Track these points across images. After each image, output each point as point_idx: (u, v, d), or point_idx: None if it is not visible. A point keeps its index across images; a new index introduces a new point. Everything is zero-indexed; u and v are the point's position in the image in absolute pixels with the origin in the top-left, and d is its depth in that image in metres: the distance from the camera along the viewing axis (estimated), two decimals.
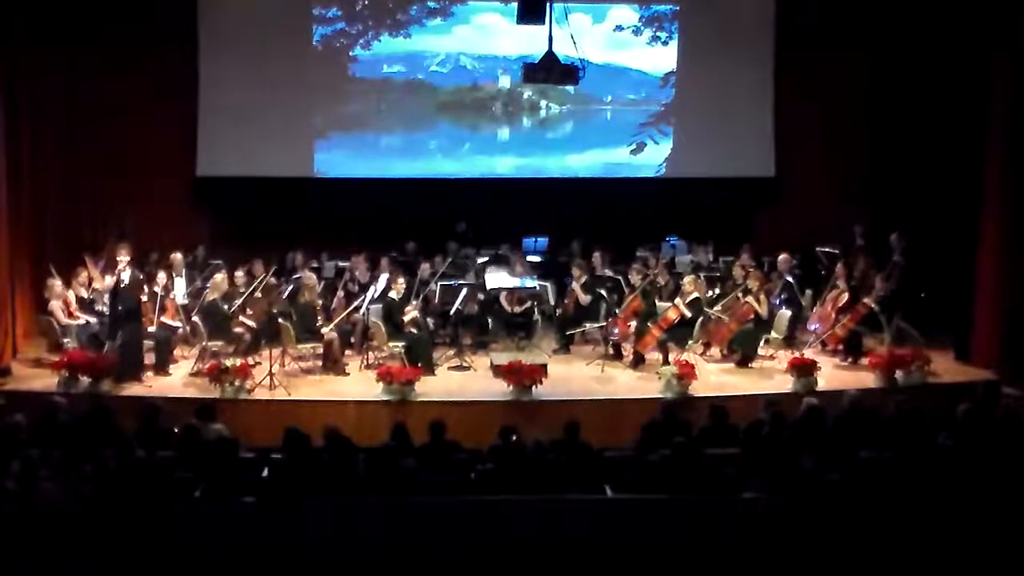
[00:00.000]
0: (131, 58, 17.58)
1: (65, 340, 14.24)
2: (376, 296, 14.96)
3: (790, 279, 15.34)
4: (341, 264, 16.57)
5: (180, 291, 15.47)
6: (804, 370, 13.35)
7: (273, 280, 15.35)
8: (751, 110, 18.72)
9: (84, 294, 14.92)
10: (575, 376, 14.01)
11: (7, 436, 10.07)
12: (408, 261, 16.91)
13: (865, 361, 14.12)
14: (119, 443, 9.61)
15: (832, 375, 13.87)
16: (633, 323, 14.46)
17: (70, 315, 14.52)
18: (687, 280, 14.65)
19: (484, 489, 9.18)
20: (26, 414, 10.70)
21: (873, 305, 14.59)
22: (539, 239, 17.93)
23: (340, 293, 15.39)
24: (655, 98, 19.06)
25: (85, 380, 13.03)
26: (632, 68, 18.95)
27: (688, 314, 14.22)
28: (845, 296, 14.85)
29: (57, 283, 14.57)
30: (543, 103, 19.09)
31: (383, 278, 15.41)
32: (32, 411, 11.04)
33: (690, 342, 14.30)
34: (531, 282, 15.51)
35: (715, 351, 14.86)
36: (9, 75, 14.45)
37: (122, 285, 13.58)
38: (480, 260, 16.96)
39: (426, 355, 13.98)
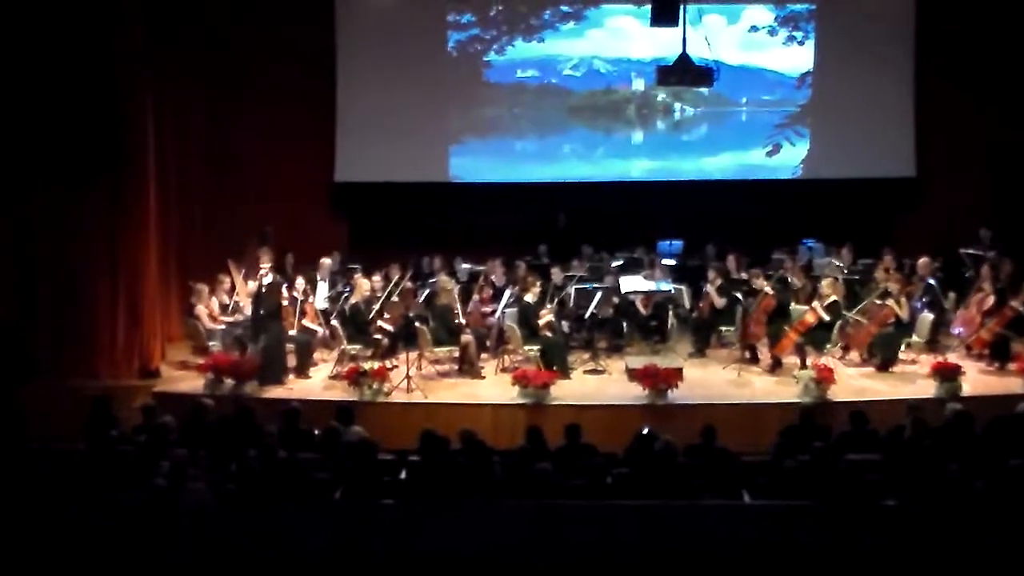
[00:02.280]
0: (269, 68, 18.03)
1: (210, 343, 14.64)
2: (511, 300, 15.02)
3: (932, 282, 14.92)
4: (476, 268, 16.69)
5: (321, 295, 15.78)
6: (948, 375, 12.96)
7: (410, 284, 15.55)
8: (890, 109, 18.29)
9: (227, 299, 15.34)
10: (711, 380, 13.86)
11: (157, 436, 10.39)
12: (544, 265, 16.95)
13: (1013, 366, 13.64)
14: (262, 444, 9.81)
15: (977, 380, 13.43)
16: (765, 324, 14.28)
17: (215, 319, 14.95)
18: (825, 283, 14.35)
19: (619, 493, 9.14)
20: (174, 415, 11.03)
21: (1021, 308, 14.09)
22: (674, 242, 17.80)
23: (476, 297, 15.50)
24: (791, 99, 18.77)
25: (229, 382, 13.36)
26: (767, 69, 18.69)
27: (826, 317, 13.93)
28: (991, 299, 14.37)
29: (203, 289, 15.00)
30: (677, 105, 18.96)
31: (506, 284, 15.57)
32: (180, 412, 11.37)
33: (828, 345, 14.01)
34: (666, 285, 15.38)
35: (854, 355, 14.54)
36: (158, 91, 14.94)
37: (263, 290, 13.92)
38: (614, 263, 16.90)
39: (561, 359, 13.98)
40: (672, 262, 17.18)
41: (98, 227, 14.08)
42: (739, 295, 14.83)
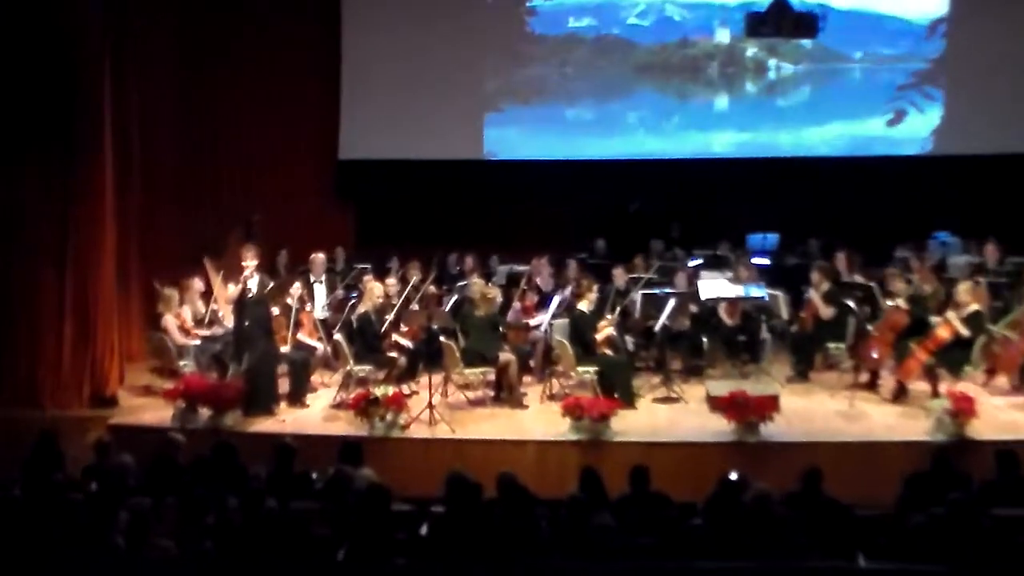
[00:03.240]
0: (256, 19, 18.16)
1: (181, 363, 14.68)
2: (561, 309, 14.98)
3: None
4: (517, 269, 16.67)
5: (319, 302, 15.83)
6: None
7: (433, 288, 15.52)
8: None
9: (203, 307, 15.37)
10: (816, 411, 13.74)
11: (113, 481, 10.36)
12: (601, 264, 16.90)
13: None
14: (246, 490, 9.78)
15: None
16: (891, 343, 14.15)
17: (187, 332, 14.98)
18: (962, 288, 14.18)
19: (699, 553, 9.06)
20: (136, 453, 11.02)
21: None
22: (768, 236, 17.73)
23: (516, 305, 15.46)
24: (919, 53, 18.65)
25: (205, 412, 13.34)
26: (889, 15, 18.59)
27: (964, 332, 13.76)
28: None
29: (172, 294, 15.05)
30: (772, 62, 18.89)
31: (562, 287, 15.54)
32: (142, 450, 11.33)
33: (968, 368, 13.84)
34: (758, 291, 15.28)
35: (1002, 380, 14.38)
36: (117, 52, 15.02)
37: (249, 295, 13.91)
38: (693, 263, 16.84)
39: (625, 383, 13.90)
40: (765, 261, 17.10)
41: (42, 214, 14.15)
42: (851, 303, 14.68)
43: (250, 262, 13.98)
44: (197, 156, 17.84)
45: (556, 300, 15.14)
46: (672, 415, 13.77)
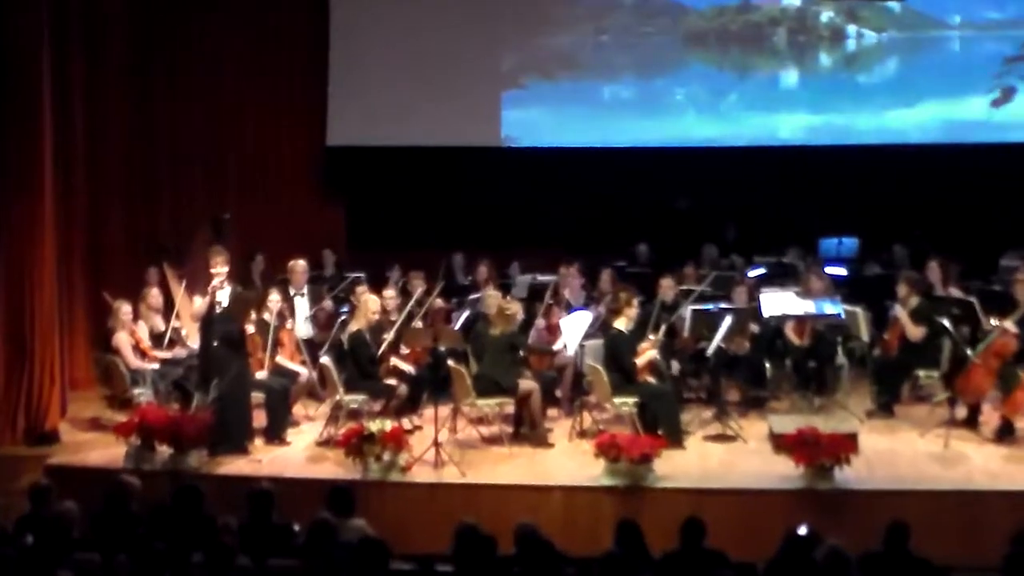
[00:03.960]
0: None
1: (136, 391, 14.68)
2: (594, 327, 14.99)
3: None
4: (541, 279, 16.68)
5: (302, 318, 15.86)
6: None
7: (440, 302, 15.53)
8: None
9: (161, 324, 15.39)
10: (902, 453, 13.71)
11: (53, 533, 10.39)
12: (643, 274, 16.90)
13: None
14: (214, 545, 9.80)
15: None
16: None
17: (143, 354, 14.99)
18: None
19: None
20: (80, 500, 11.04)
21: None
22: (844, 240, 17.71)
23: (540, 323, 15.47)
24: None
25: (165, 451, 13.35)
26: None
27: None
28: None
29: (125, 307, 15.05)
30: (852, 29, 18.90)
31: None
32: (88, 496, 11.36)
33: None
34: (832, 307, 15.26)
35: None
36: (58, 19, 15.11)
37: (218, 310, 13.94)
38: (753, 272, 16.83)
39: (671, 417, 13.89)
40: (842, 271, 17.06)
41: None
42: (947, 322, 14.66)
43: (220, 269, 14.03)
44: (154, 144, 17.91)
45: (587, 317, 15.14)
46: (728, 456, 13.75)
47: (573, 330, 14.71)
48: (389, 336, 14.45)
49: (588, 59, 19.36)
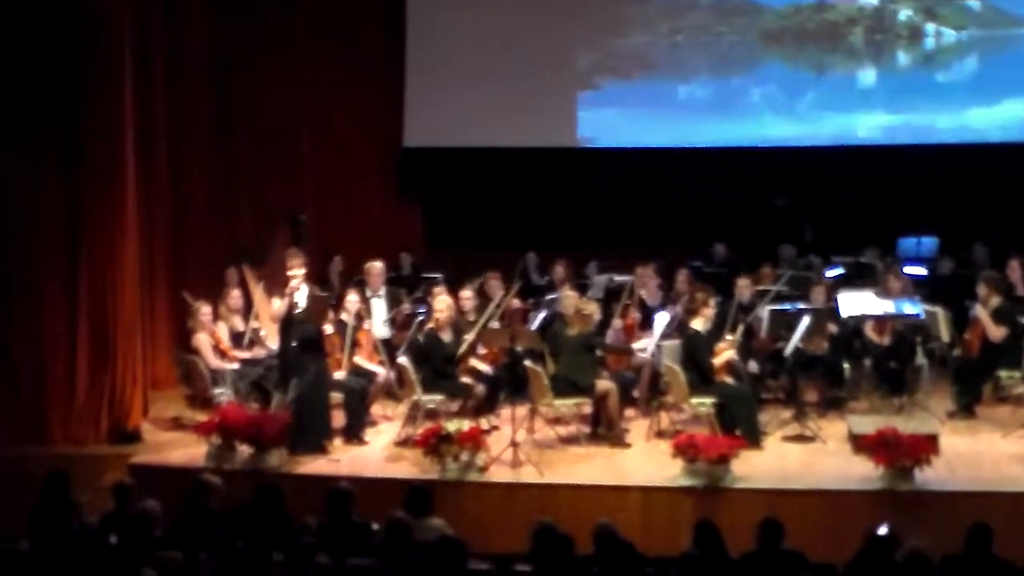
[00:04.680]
0: None
1: (216, 391, 14.75)
2: (671, 327, 14.95)
3: None
4: (618, 279, 16.65)
5: (379, 318, 15.90)
6: None
7: (517, 302, 15.53)
8: None
9: (241, 324, 15.50)
10: (984, 454, 13.57)
11: (135, 531, 10.46)
12: (718, 274, 16.84)
13: None
14: (294, 544, 9.83)
15: None
16: None
17: (223, 354, 15.08)
18: None
19: None
20: (162, 498, 11.10)
21: None
22: (924, 239, 17.58)
23: (616, 323, 15.44)
24: None
25: (245, 450, 13.42)
26: None
27: None
28: None
29: (205, 308, 15.15)
30: (930, 28, 18.76)
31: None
32: (171, 495, 11.43)
33: None
34: (912, 307, 15.15)
35: None
36: (141, 13, 15.20)
37: (297, 310, 13.96)
38: (831, 272, 16.73)
39: (748, 418, 13.82)
40: (921, 270, 16.93)
41: (46, 208, 14.29)
42: None
43: (298, 271, 13.98)
44: (236, 145, 17.97)
45: (665, 317, 15.11)
46: (806, 457, 13.67)
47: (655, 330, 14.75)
48: (469, 337, 14.45)
49: (663, 59, 19.31)
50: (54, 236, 14.29)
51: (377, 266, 16.24)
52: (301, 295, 13.91)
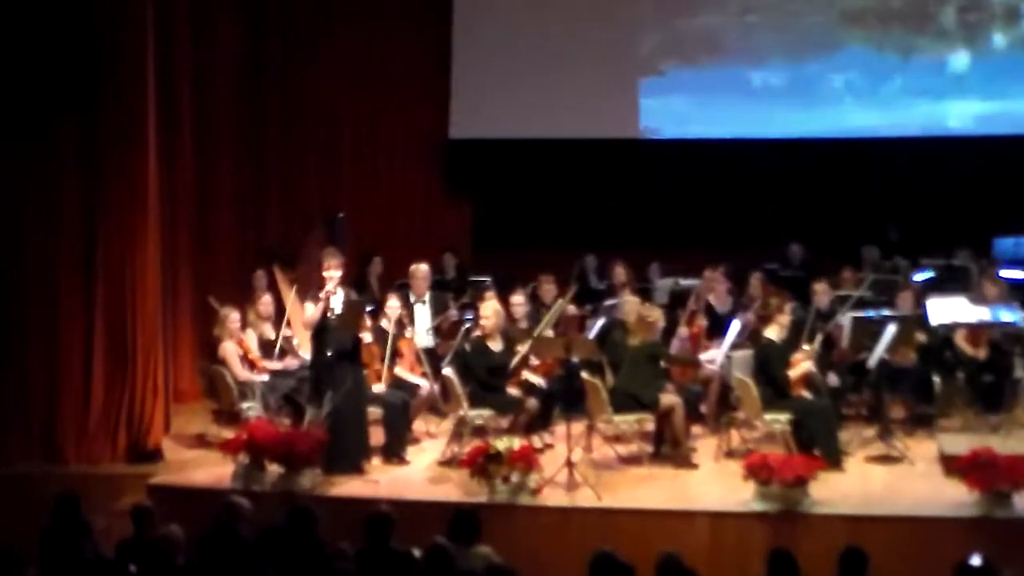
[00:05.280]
0: None
1: (244, 405, 14.78)
2: (743, 336, 14.89)
3: None
4: (684, 283, 16.60)
5: (423, 326, 15.90)
6: None
7: (574, 308, 15.48)
8: None
9: (272, 332, 15.52)
10: None
11: (156, 559, 10.47)
12: (795, 277, 16.77)
13: None
14: (328, 572, 9.82)
15: None
16: None
17: (252, 365, 15.12)
18: None
19: None
20: (185, 523, 11.11)
21: None
22: (1022, 240, 17.48)
23: (682, 331, 15.37)
24: None
25: (275, 470, 13.42)
26: None
27: None
28: None
29: (232, 315, 15.18)
30: None
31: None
32: (194, 519, 11.45)
33: None
34: (1009, 314, 15.06)
35: None
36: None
37: (332, 317, 13.95)
38: (920, 276, 16.65)
39: (828, 436, 13.75)
40: (1019, 274, 16.83)
41: (61, 208, 14.32)
42: None
43: (333, 273, 13.96)
44: (264, 140, 18.02)
45: (736, 325, 15.06)
46: (892, 479, 13.62)
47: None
48: (521, 347, 14.39)
49: (734, 42, 19.26)
50: (70, 238, 14.31)
51: (422, 269, 16.21)
52: (337, 300, 13.89)
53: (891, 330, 14.45)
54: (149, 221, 14.59)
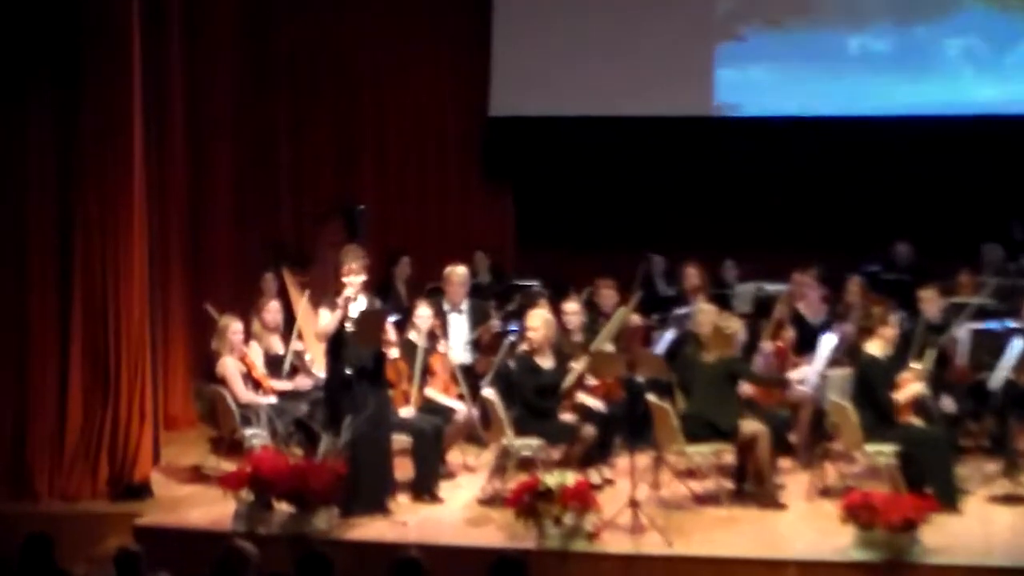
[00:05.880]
0: None
1: (248, 432, 14.81)
2: (840, 351, 14.85)
3: None
4: (769, 288, 16.57)
5: (459, 339, 15.92)
6: None
7: (638, 318, 15.47)
8: None
9: (280, 346, 15.55)
10: None
11: None
12: (901, 282, 16.73)
13: None
14: None
15: None
16: None
17: (257, 384, 15.15)
18: None
19: None
20: (178, 571, 11.14)
21: None
22: None
23: (767, 346, 15.34)
24: None
25: (284, 509, 13.43)
26: None
27: None
28: None
29: (234, 325, 15.19)
30: None
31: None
32: (189, 565, 11.48)
33: None
34: None
35: None
36: None
37: (352, 327, 13.90)
38: None
39: (942, 471, 13.72)
40: None
41: (28, 191, 14.36)
42: None
43: (355, 277, 13.88)
44: (273, 115, 18.07)
45: (831, 339, 15.01)
46: (1019, 523, 13.55)
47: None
48: (576, 364, 14.37)
49: (828, 2, 19.23)
50: (41, 232, 14.36)
51: (459, 272, 16.18)
52: (358, 307, 13.85)
53: (1018, 345, 14.41)
54: (135, 213, 14.60)
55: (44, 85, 14.22)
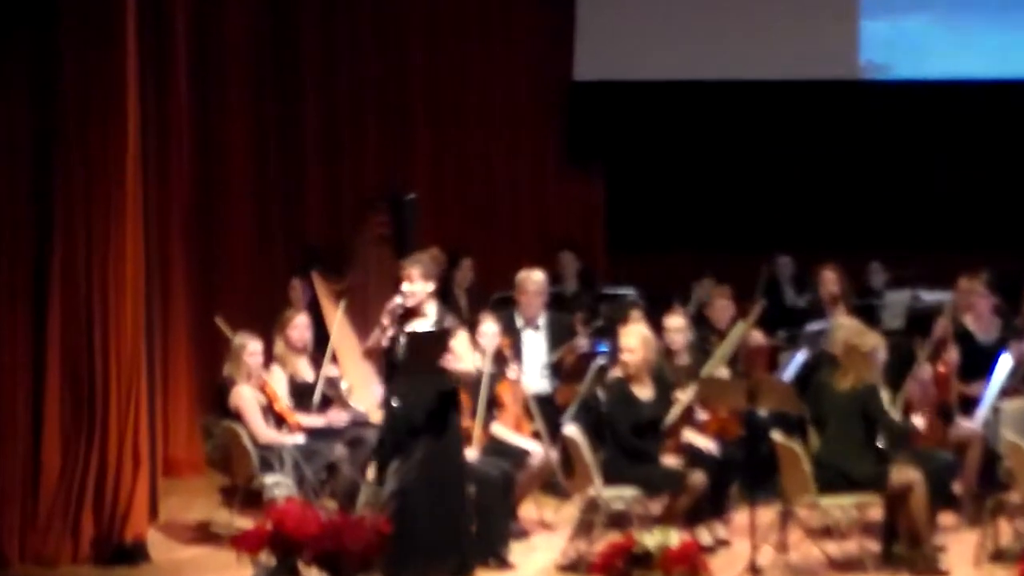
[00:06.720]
0: None
1: (268, 479, 14.89)
2: (1014, 379, 14.82)
3: None
4: (927, 296, 16.54)
5: (536, 363, 15.92)
6: None
7: (759, 337, 15.46)
8: None
9: (309, 371, 15.59)
10: None
11: None
12: None
13: None
14: None
15: None
16: None
17: (280, 419, 15.20)
18: None
19: None
20: None
21: None
22: None
23: (925, 367, 15.28)
24: None
25: (313, 575, 13.55)
26: None
27: None
28: None
29: (252, 344, 15.25)
30: None
31: None
32: None
33: None
34: None
35: None
36: None
37: (405, 349, 13.81)
38: None
39: None
40: None
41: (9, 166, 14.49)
42: None
43: (414, 286, 13.67)
44: (300, 82, 18.16)
45: (1006, 361, 14.97)
46: None
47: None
48: (684, 396, 14.37)
49: None
50: (10, 224, 14.38)
51: (535, 278, 16.15)
52: (424, 323, 13.65)
53: None
54: (128, 207, 14.66)
55: (19, 47, 14.31)
